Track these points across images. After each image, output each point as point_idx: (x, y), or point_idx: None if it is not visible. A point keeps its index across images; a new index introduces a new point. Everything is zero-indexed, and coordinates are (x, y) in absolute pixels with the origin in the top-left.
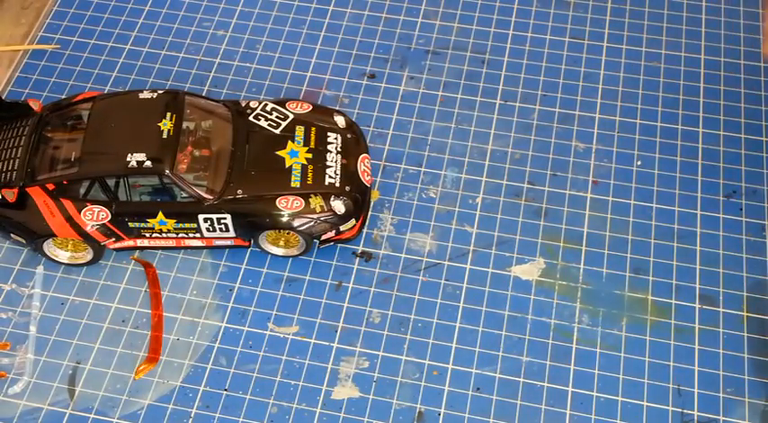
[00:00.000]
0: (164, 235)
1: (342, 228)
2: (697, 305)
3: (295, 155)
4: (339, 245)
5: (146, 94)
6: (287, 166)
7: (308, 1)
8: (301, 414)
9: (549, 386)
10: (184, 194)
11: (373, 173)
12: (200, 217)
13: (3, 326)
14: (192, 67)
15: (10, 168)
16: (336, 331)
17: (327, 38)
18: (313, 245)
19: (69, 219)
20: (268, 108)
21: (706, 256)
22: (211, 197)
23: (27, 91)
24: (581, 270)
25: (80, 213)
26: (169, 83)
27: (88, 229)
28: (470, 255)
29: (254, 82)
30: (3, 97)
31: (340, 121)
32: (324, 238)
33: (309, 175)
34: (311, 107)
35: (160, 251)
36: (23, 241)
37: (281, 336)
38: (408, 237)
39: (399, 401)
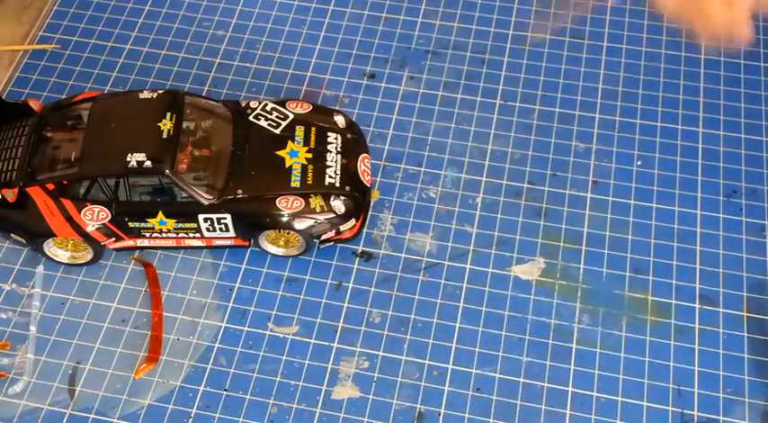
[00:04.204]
0: (164, 235)
1: (342, 228)
2: (697, 305)
3: (295, 155)
4: (339, 245)
5: (146, 94)
6: (287, 166)
7: (308, 1)
8: (301, 414)
9: (549, 386)
10: (184, 194)
11: (373, 173)
12: (201, 217)
13: (3, 326)
14: (192, 67)
15: (10, 168)
16: (336, 331)
17: (327, 38)
18: (313, 245)
19: (69, 219)
20: (268, 108)
21: (706, 256)
22: (211, 197)
23: (27, 91)
24: (581, 270)
25: (80, 213)
26: (169, 83)
27: (88, 229)
28: (470, 255)
29: (254, 82)
30: (3, 97)
31: (340, 121)
32: (324, 238)
33: (309, 174)
34: (311, 107)
35: (160, 251)
36: (23, 241)
37: (281, 336)
38: (408, 237)
39: (399, 401)
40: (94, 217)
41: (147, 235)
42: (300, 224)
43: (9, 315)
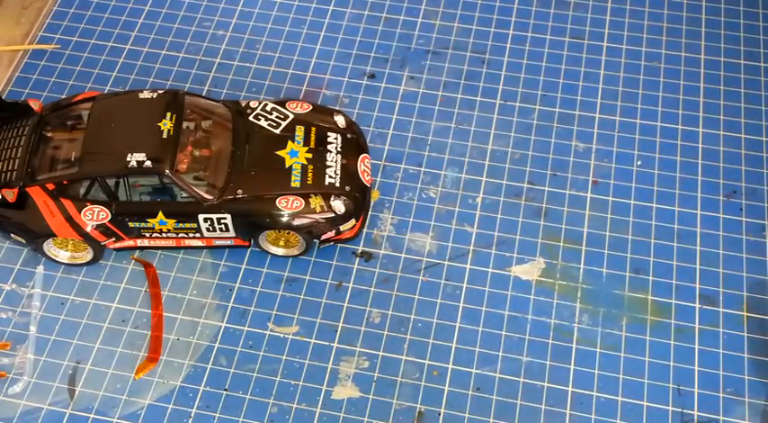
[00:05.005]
0: (164, 235)
1: (342, 228)
2: (697, 305)
3: (295, 155)
4: (339, 245)
5: (146, 94)
6: (287, 165)
7: (308, 1)
8: (301, 414)
9: (549, 386)
10: (184, 194)
11: (373, 173)
12: (201, 217)
13: (3, 326)
14: (192, 67)
15: (10, 168)
16: (336, 331)
17: (327, 38)
18: (313, 245)
19: (69, 219)
20: (268, 108)
21: (706, 256)
22: (211, 197)
23: (27, 91)
24: (581, 270)
25: (80, 213)
26: (169, 83)
27: (88, 229)
28: (470, 255)
29: (254, 82)
30: (3, 97)
31: (340, 120)
32: (324, 238)
33: (309, 174)
34: (311, 107)
35: (160, 251)
36: (23, 241)
37: (281, 336)
38: (408, 237)
39: (399, 401)
40: (94, 217)
41: (147, 235)
42: (300, 224)
43: (9, 315)
